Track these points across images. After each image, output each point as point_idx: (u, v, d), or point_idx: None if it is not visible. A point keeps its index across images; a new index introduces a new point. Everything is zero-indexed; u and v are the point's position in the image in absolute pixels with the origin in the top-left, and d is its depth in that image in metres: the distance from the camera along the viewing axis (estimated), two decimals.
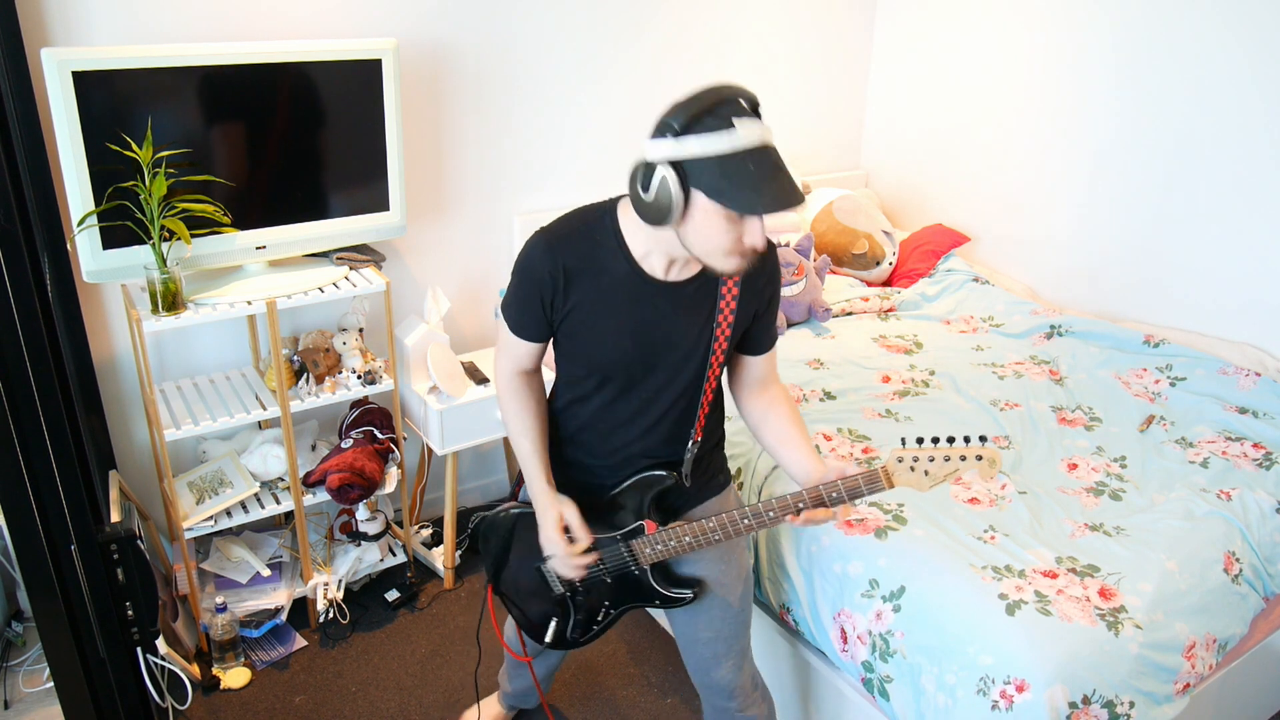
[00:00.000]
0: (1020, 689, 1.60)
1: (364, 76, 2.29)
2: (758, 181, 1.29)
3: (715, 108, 1.31)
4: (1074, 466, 2.24)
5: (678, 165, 1.32)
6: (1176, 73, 2.72)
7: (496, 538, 1.79)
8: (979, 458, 1.42)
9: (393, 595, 2.66)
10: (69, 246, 2.18)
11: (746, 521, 1.56)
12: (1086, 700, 1.60)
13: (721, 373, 1.61)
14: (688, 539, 1.62)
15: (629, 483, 1.65)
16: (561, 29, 2.83)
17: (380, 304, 2.68)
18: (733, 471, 2.21)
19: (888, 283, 3.35)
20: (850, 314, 3.11)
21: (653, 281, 1.49)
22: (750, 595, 1.79)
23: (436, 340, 2.57)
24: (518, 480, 1.81)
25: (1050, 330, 2.89)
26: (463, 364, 2.70)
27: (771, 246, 1.59)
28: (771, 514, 1.53)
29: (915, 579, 1.81)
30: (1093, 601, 1.74)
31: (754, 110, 1.33)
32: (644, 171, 1.35)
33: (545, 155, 2.94)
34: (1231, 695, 2.05)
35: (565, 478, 1.68)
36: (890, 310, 3.17)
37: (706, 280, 1.52)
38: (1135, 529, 1.98)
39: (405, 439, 2.66)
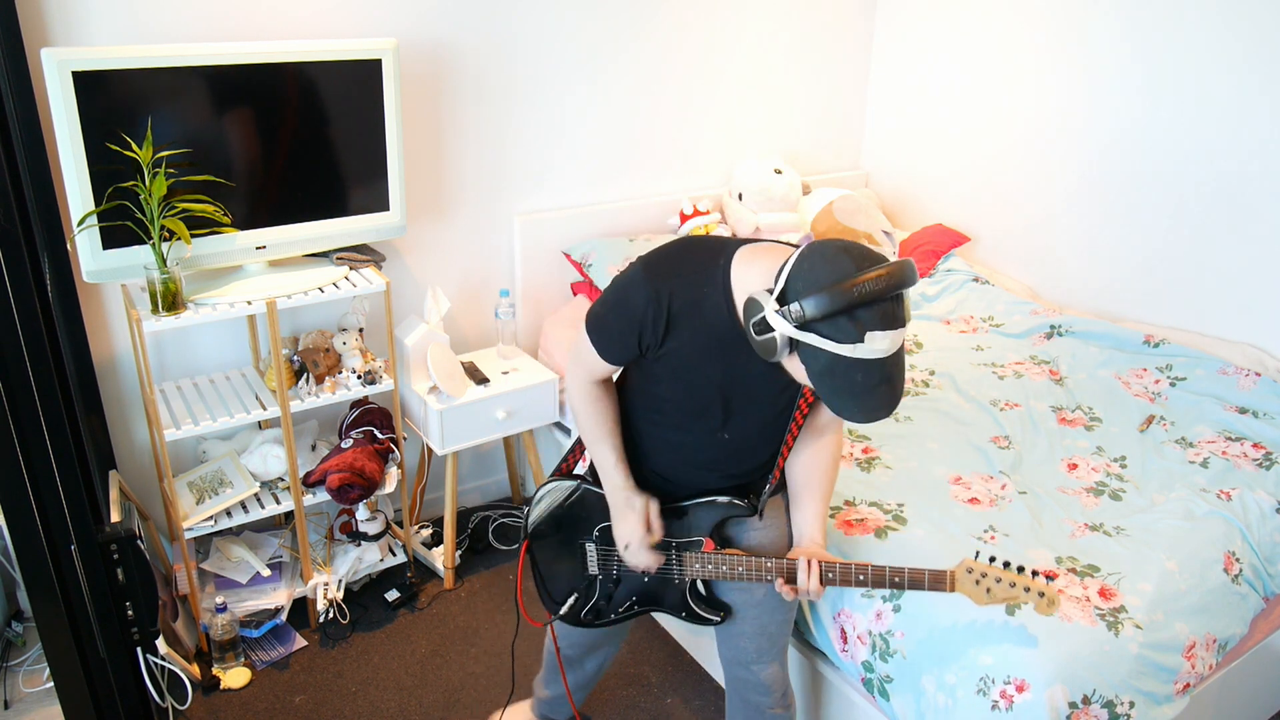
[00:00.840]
0: (1020, 689, 1.60)
1: (364, 76, 2.29)
2: (859, 392, 1.23)
3: (855, 311, 1.20)
4: (1074, 466, 2.24)
5: (793, 340, 1.26)
6: (1177, 72, 2.72)
7: (552, 499, 1.78)
8: (1041, 594, 1.50)
9: (393, 595, 2.66)
10: (69, 246, 2.18)
11: (830, 576, 1.57)
12: (1086, 700, 1.60)
13: (803, 423, 1.61)
14: (740, 569, 1.63)
15: (704, 500, 1.67)
16: (562, 29, 2.83)
17: (380, 304, 2.68)
18: None
19: None
20: None
21: (744, 335, 1.44)
22: (794, 608, 1.82)
23: (436, 340, 2.57)
24: (565, 458, 1.85)
25: (1050, 330, 2.89)
26: (463, 364, 2.70)
27: None
28: (830, 575, 1.56)
29: None
30: (1093, 601, 1.74)
31: (900, 311, 1.23)
32: (760, 322, 1.28)
33: (545, 155, 2.95)
34: (1231, 695, 2.05)
35: (636, 475, 1.68)
36: None
37: None
38: (1135, 529, 1.98)
39: (405, 439, 2.66)
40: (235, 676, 2.35)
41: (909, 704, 1.78)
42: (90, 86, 1.95)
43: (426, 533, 2.87)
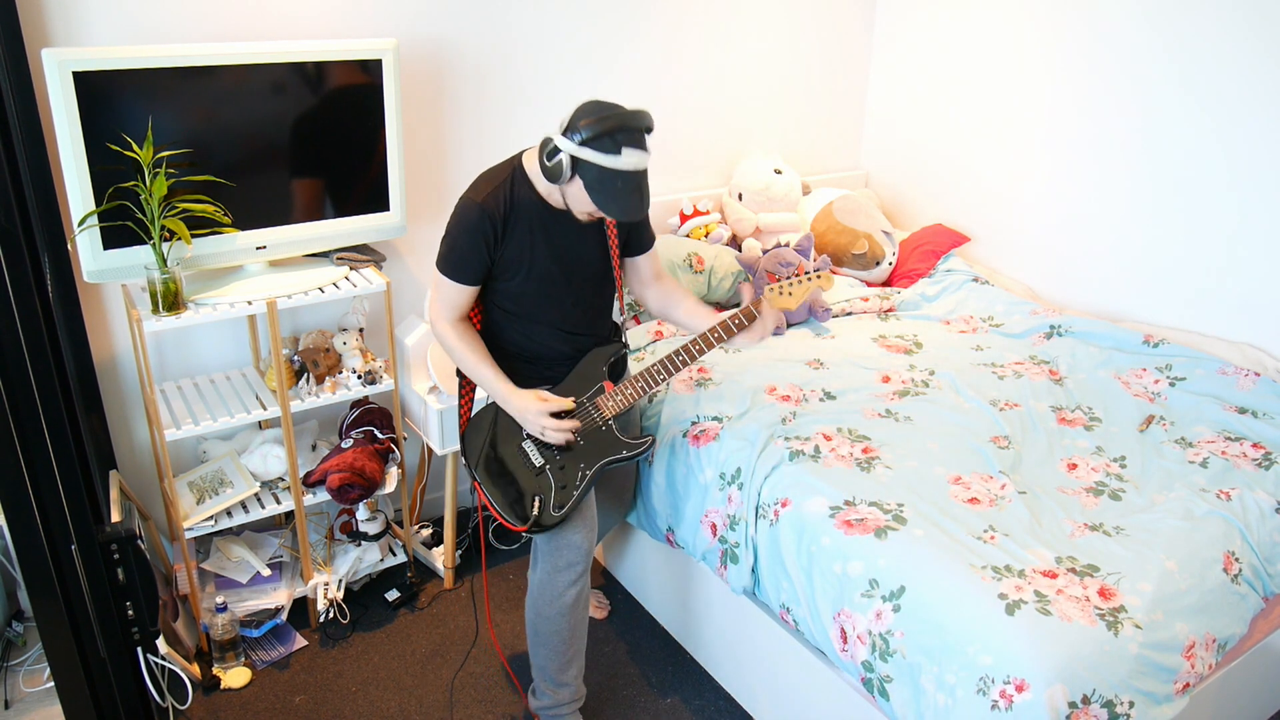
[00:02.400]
0: (1020, 689, 1.60)
1: (364, 76, 2.29)
2: (618, 195, 1.75)
3: (615, 133, 1.71)
4: (1074, 466, 2.24)
5: (574, 158, 1.74)
6: (1177, 73, 2.72)
7: (479, 431, 2.08)
8: (819, 275, 2.07)
9: (393, 595, 2.66)
10: (69, 246, 2.18)
11: (682, 358, 2.00)
12: (1086, 700, 1.60)
13: (621, 276, 2.09)
14: (640, 384, 2.02)
15: (585, 359, 2.06)
16: (561, 29, 2.83)
17: (380, 304, 2.68)
18: (732, 471, 2.21)
19: (888, 283, 3.35)
20: (850, 314, 3.11)
21: (557, 211, 1.92)
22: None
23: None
24: (459, 409, 2.17)
25: (1050, 330, 2.89)
26: None
27: None
28: (699, 345, 2.00)
29: (915, 579, 1.81)
30: (1092, 601, 1.74)
31: (644, 138, 1.75)
32: (551, 149, 1.77)
33: None
34: (1231, 695, 2.05)
35: (526, 376, 2.04)
36: (890, 310, 3.17)
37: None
38: (1135, 529, 1.98)
39: (405, 439, 2.66)
40: (235, 676, 2.35)
41: (909, 704, 1.78)
42: (90, 86, 1.95)
43: (426, 533, 2.87)
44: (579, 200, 1.81)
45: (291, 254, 2.37)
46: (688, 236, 3.14)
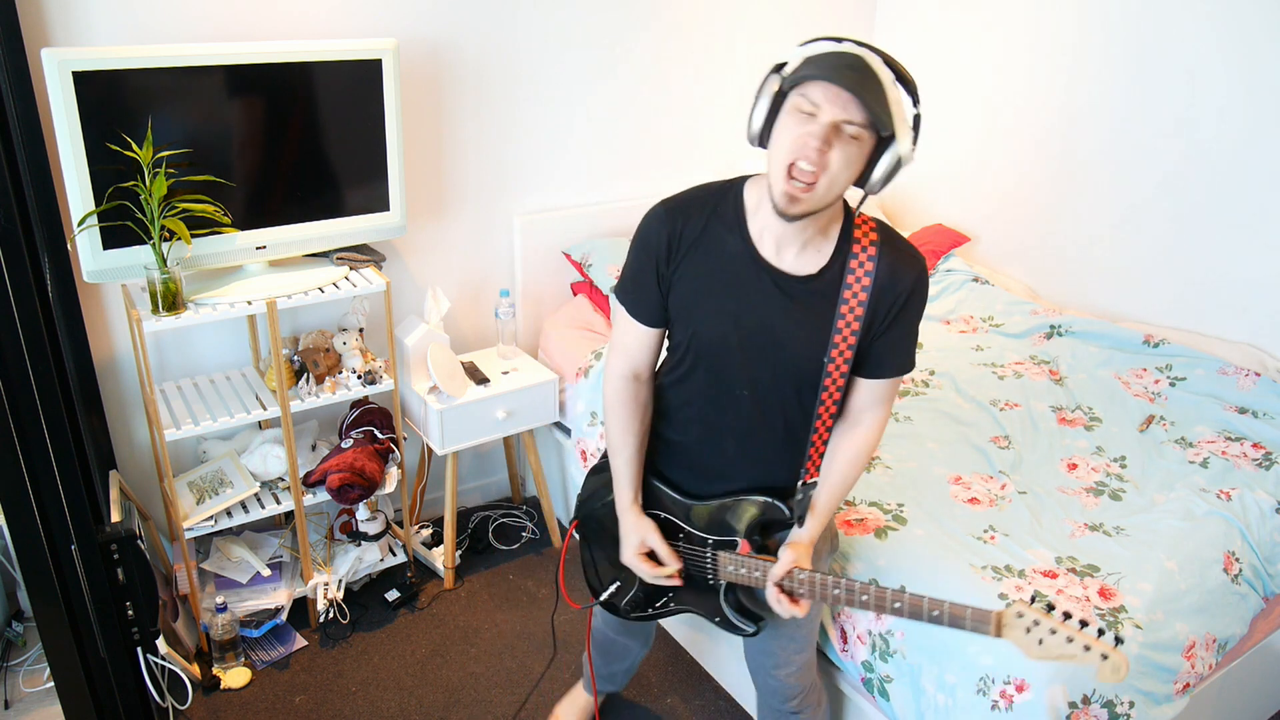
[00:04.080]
0: (1020, 689, 1.60)
1: (364, 76, 2.29)
2: (839, 66, 1.25)
3: (839, 38, 1.32)
4: (1074, 466, 2.24)
5: (781, 80, 1.32)
6: (1176, 72, 2.72)
7: (604, 482, 1.72)
8: (1104, 657, 1.27)
9: (393, 595, 2.66)
10: (69, 246, 2.18)
11: (836, 593, 1.45)
12: (1086, 700, 1.60)
13: (841, 395, 1.48)
14: (771, 583, 1.53)
15: (747, 498, 1.57)
16: (562, 29, 2.83)
17: (380, 304, 2.68)
18: None
19: None
20: None
21: (765, 264, 1.42)
22: (820, 611, 1.79)
23: (436, 340, 2.57)
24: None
25: (1050, 330, 2.89)
26: (463, 364, 2.70)
27: (919, 262, 1.45)
28: (865, 598, 1.43)
29: (915, 579, 1.81)
30: (1092, 601, 1.74)
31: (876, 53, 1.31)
32: (761, 91, 1.35)
33: (545, 155, 2.95)
34: (1231, 695, 2.05)
35: (668, 459, 1.63)
36: None
37: (828, 280, 1.42)
38: (1135, 529, 1.98)
39: (405, 439, 2.66)
40: (235, 676, 2.35)
41: (909, 704, 1.78)
42: (90, 86, 1.95)
43: (426, 533, 2.87)
44: (781, 136, 1.32)
45: (291, 254, 2.37)
46: None
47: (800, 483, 1.55)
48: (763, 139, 1.37)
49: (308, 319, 2.65)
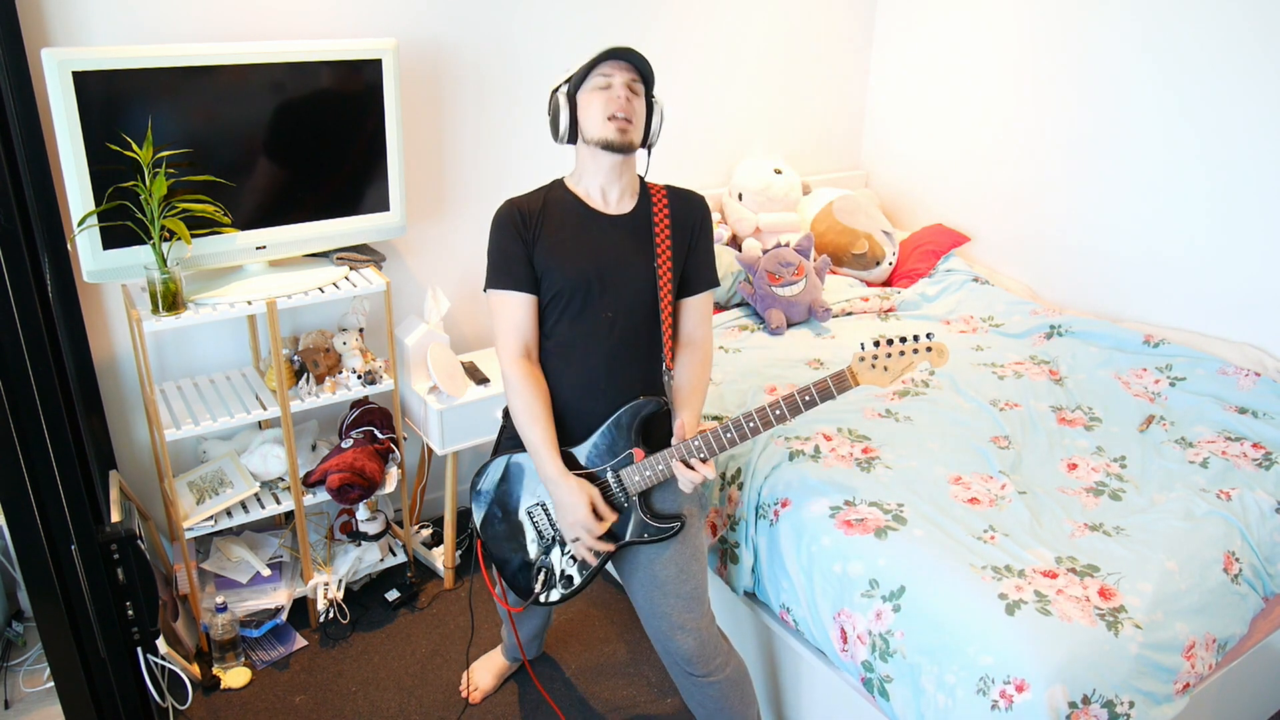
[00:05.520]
0: (1020, 689, 1.60)
1: (364, 76, 2.29)
2: (612, 51, 1.69)
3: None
4: (1074, 466, 2.24)
5: (567, 93, 1.77)
6: (1177, 72, 2.72)
7: (488, 489, 1.91)
8: (929, 349, 1.66)
9: (393, 595, 2.66)
10: (69, 246, 2.18)
11: (729, 435, 1.72)
12: (1086, 700, 1.60)
13: (673, 304, 1.84)
14: (675, 460, 1.74)
15: (615, 415, 1.79)
16: (561, 29, 2.83)
17: (380, 304, 2.68)
18: (732, 472, 2.21)
19: (888, 283, 3.35)
20: (850, 314, 3.11)
21: (598, 212, 1.81)
22: (705, 570, 1.89)
23: (436, 340, 2.57)
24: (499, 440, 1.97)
25: (1050, 330, 2.89)
26: (463, 364, 2.70)
27: (700, 197, 1.92)
28: (751, 424, 1.72)
29: (915, 579, 1.81)
30: (1092, 601, 1.74)
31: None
32: (553, 106, 1.80)
33: (545, 155, 2.94)
34: (1231, 695, 2.05)
35: (561, 425, 1.81)
36: (890, 310, 3.17)
37: (640, 216, 1.83)
38: (1135, 529, 1.98)
39: (405, 439, 2.66)
40: (235, 676, 2.35)
41: (909, 704, 1.78)
42: (90, 86, 1.95)
43: (426, 533, 2.87)
44: (589, 110, 1.74)
45: (291, 254, 2.37)
46: None
47: (664, 374, 1.84)
48: (571, 135, 1.79)
49: (308, 319, 2.65)
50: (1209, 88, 2.66)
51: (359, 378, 2.46)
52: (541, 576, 1.87)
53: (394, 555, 2.70)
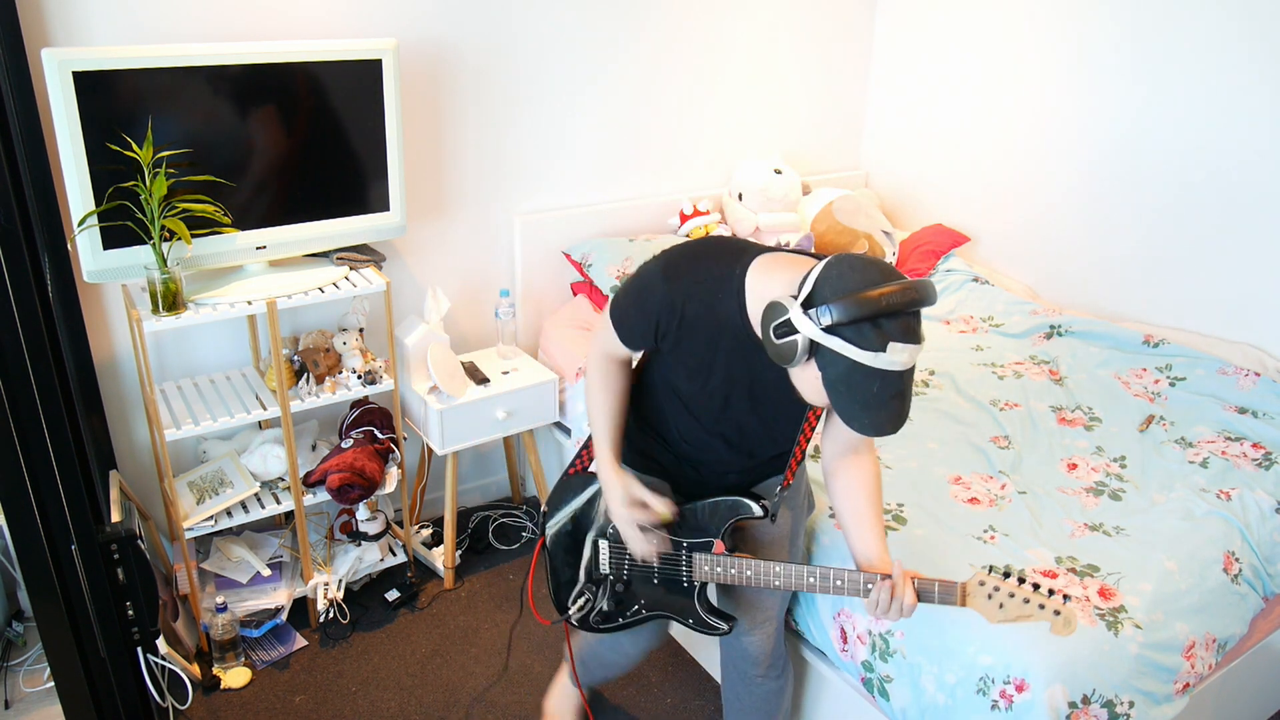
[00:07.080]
0: (1020, 689, 1.60)
1: (364, 76, 2.29)
2: (871, 402, 1.24)
3: (879, 320, 1.22)
4: (1074, 466, 2.24)
5: (814, 343, 1.27)
6: (1177, 72, 2.72)
7: (570, 498, 1.82)
8: (1057, 613, 1.40)
9: (393, 595, 2.66)
10: (69, 246, 2.18)
11: (811, 580, 1.54)
12: (1086, 700, 1.60)
13: (814, 433, 1.63)
14: (749, 573, 1.61)
15: (715, 500, 1.65)
16: (561, 29, 2.83)
17: (380, 304, 2.68)
18: None
19: None
20: None
21: (761, 345, 1.47)
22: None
23: (436, 340, 2.57)
24: (577, 457, 1.87)
25: (1050, 330, 2.89)
26: (463, 364, 2.70)
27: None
28: (839, 583, 1.52)
29: None
30: (1092, 601, 1.74)
31: (918, 324, 1.26)
32: (783, 325, 1.29)
33: (545, 155, 2.95)
34: (1231, 695, 2.05)
35: (646, 464, 1.74)
36: None
37: None
38: (1135, 529, 1.98)
39: (405, 439, 2.66)
40: (235, 676, 2.35)
41: (909, 704, 1.78)
42: (90, 86, 1.95)
43: (426, 533, 2.87)
44: (811, 389, 1.32)
45: (291, 254, 2.37)
46: (687, 237, 3.14)
47: (779, 488, 1.67)
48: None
49: (308, 319, 2.65)
50: (1209, 87, 2.66)
51: (359, 378, 2.46)
52: (581, 602, 1.82)
53: (394, 555, 2.70)
